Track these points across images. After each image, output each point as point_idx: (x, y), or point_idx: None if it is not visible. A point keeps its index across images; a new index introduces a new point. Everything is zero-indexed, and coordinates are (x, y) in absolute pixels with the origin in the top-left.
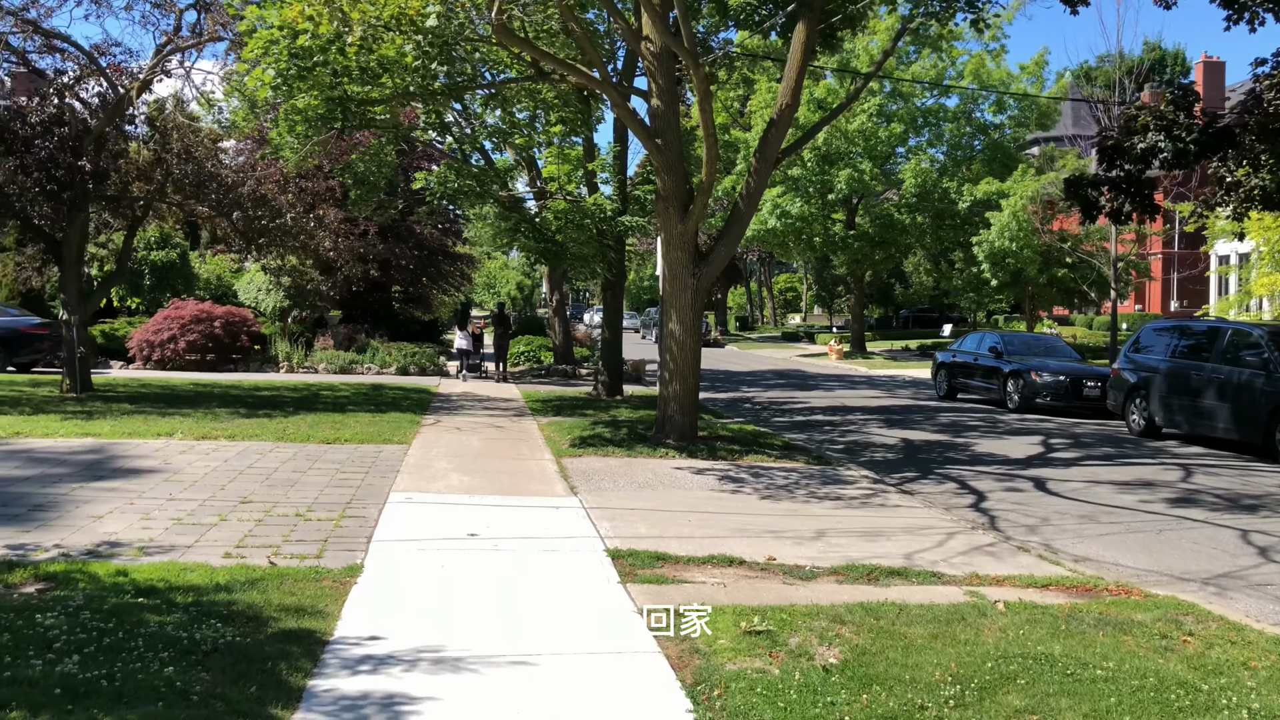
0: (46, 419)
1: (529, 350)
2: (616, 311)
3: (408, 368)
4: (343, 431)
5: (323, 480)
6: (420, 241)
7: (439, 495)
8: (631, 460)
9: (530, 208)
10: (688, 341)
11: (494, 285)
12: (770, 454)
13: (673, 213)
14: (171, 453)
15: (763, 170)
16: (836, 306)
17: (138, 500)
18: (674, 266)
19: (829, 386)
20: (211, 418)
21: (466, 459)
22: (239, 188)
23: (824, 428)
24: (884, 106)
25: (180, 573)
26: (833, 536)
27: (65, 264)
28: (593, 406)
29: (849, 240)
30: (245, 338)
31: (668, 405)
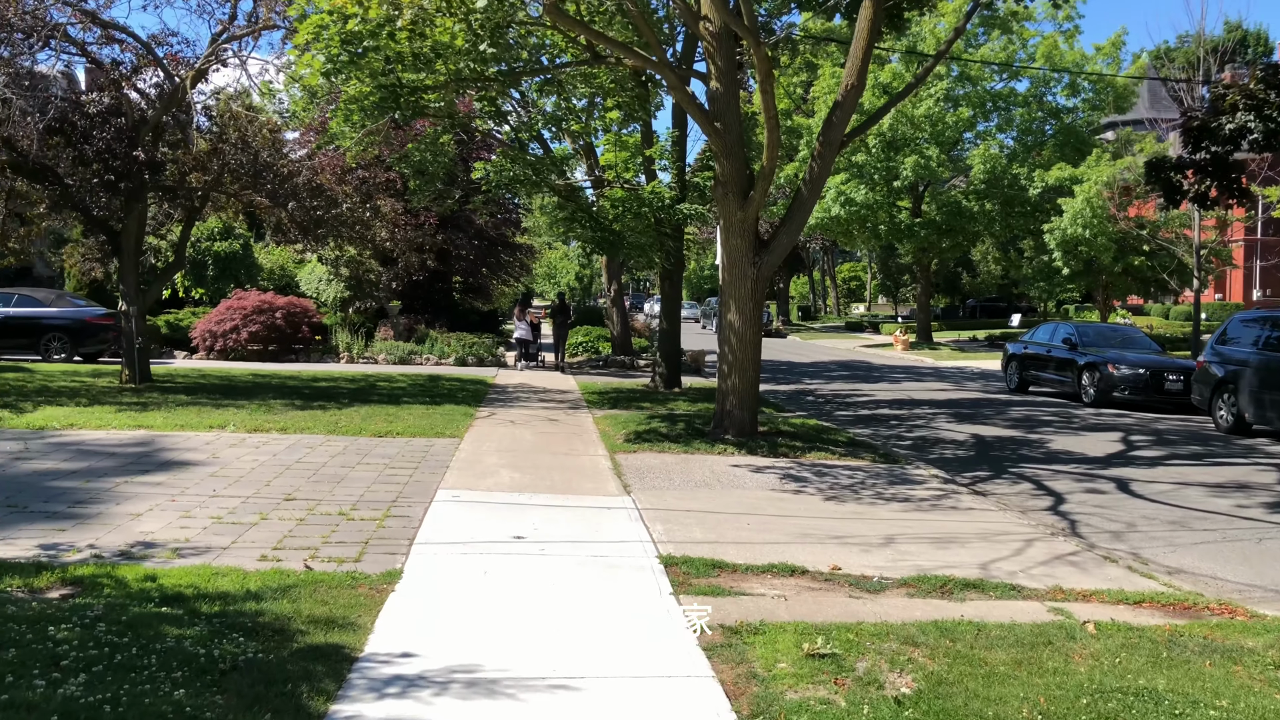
0: (102, 410)
1: (587, 341)
2: (674, 301)
3: (466, 358)
4: (395, 424)
5: (370, 476)
6: (479, 232)
7: (487, 494)
8: (688, 457)
9: (587, 196)
10: (748, 333)
11: (554, 275)
12: (834, 451)
13: (732, 199)
14: (221, 446)
15: (827, 154)
16: (901, 296)
17: (180, 497)
18: (733, 255)
19: (894, 378)
20: (265, 410)
21: (518, 454)
22: (295, 178)
23: (890, 422)
24: (951, 91)
25: (211, 578)
26: (902, 543)
27: (124, 255)
28: (649, 399)
29: (915, 228)
30: (306, 328)
31: (726, 400)
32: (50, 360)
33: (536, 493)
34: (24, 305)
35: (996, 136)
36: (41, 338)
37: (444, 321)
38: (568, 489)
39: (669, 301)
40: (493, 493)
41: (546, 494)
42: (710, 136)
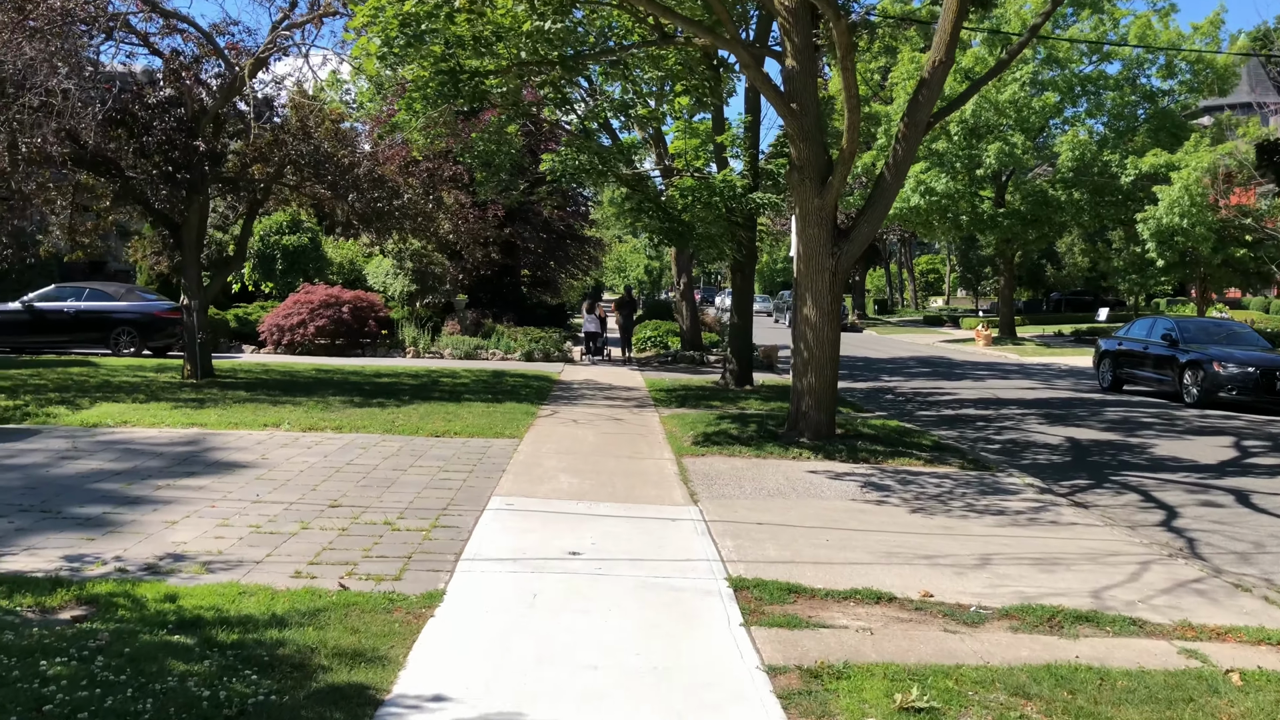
0: (158, 407)
1: (655, 335)
2: (746, 295)
3: (532, 353)
4: (453, 423)
5: (422, 480)
6: (547, 225)
7: (543, 501)
8: (760, 461)
9: (656, 186)
10: (825, 329)
11: (624, 269)
12: (918, 456)
13: (809, 185)
14: (272, 446)
15: (912, 136)
16: (982, 289)
17: (221, 502)
18: (810, 245)
19: (978, 375)
20: (323, 407)
21: (579, 457)
22: (355, 169)
23: (976, 424)
24: (1037, 75)
25: (236, 599)
26: (1000, 564)
27: (185, 248)
28: (719, 397)
29: (998, 218)
30: (373, 323)
31: (801, 400)
32: (120, 354)
33: (596, 501)
34: (94, 299)
35: (1086, 122)
36: (111, 332)
37: (512, 316)
38: (630, 497)
39: (740, 295)
40: (549, 500)
41: (607, 502)
42: (785, 118)
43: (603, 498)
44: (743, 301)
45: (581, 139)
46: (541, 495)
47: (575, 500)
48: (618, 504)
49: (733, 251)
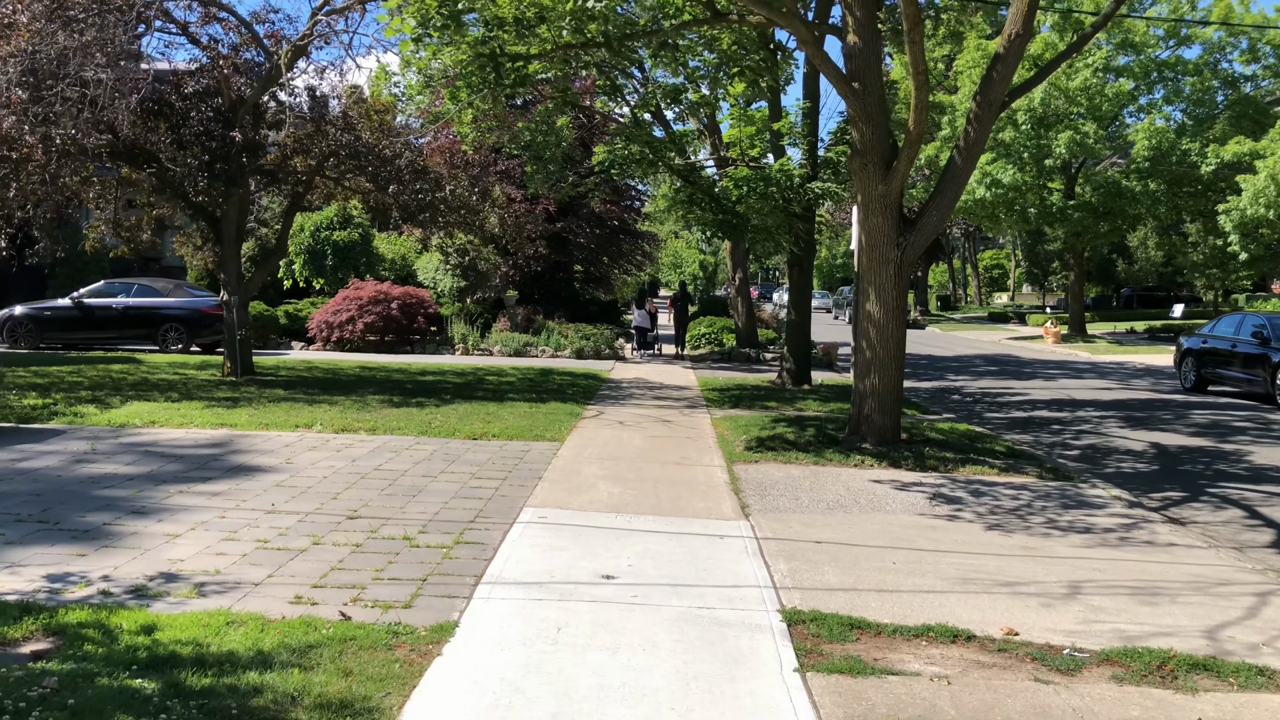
0: (190, 406)
1: (710, 332)
2: (804, 290)
3: (582, 350)
4: (492, 425)
5: (451, 488)
6: (600, 220)
7: (579, 513)
8: (818, 470)
9: (710, 177)
10: (889, 326)
11: (680, 265)
12: (992, 464)
13: (872, 171)
14: (300, 449)
15: (985, 116)
16: (1049, 285)
17: (233, 512)
18: (873, 235)
19: (1049, 375)
20: (359, 407)
21: (622, 463)
22: (397, 160)
23: (1051, 427)
24: (1110, 60)
25: (220, 631)
26: (1092, 593)
27: (224, 242)
28: (775, 397)
29: (1068, 211)
30: (422, 319)
31: (864, 402)
32: (167, 350)
33: (637, 514)
34: (143, 295)
35: (1163, 109)
36: (159, 328)
37: (564, 312)
38: (675, 509)
39: (798, 290)
40: (586, 513)
41: (649, 515)
42: (847, 99)
43: (645, 509)
44: (800, 297)
45: (632, 128)
46: (578, 506)
47: (614, 513)
48: (660, 517)
49: (790, 244)
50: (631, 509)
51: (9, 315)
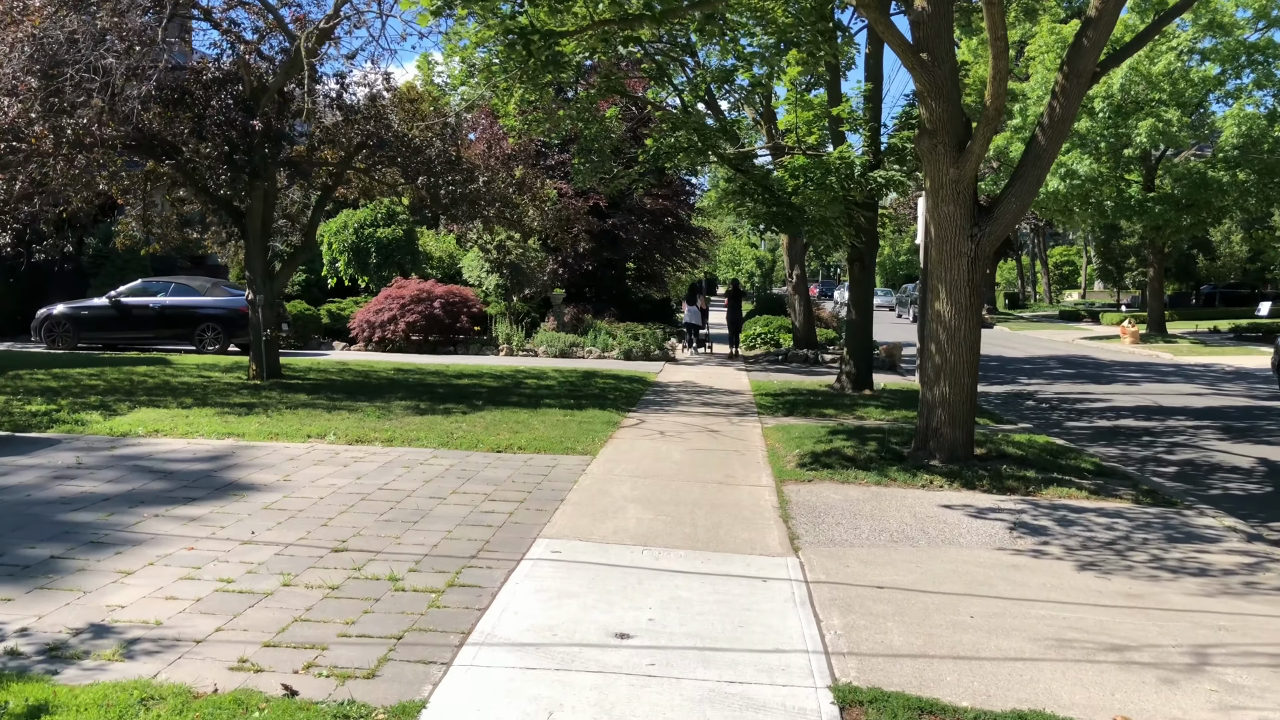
0: (201, 413)
1: (766, 332)
2: (865, 287)
3: (630, 351)
4: (520, 435)
5: (459, 513)
6: (653, 215)
7: (600, 547)
8: (881, 491)
9: (764, 167)
10: (961, 328)
11: (737, 262)
12: (1079, 485)
13: (943, 153)
14: (305, 463)
15: (1073, 89)
16: (1124, 281)
17: (203, 543)
18: (944, 225)
19: (1130, 378)
20: (381, 414)
21: (658, 482)
22: (427, 149)
23: (1140, 438)
24: (1196, 42)
25: (126, 715)
26: (1222, 662)
27: (249, 237)
28: (834, 404)
29: (1147, 203)
30: (465, 318)
31: (932, 413)
32: (204, 351)
33: (668, 547)
34: (179, 295)
35: (1253, 95)
36: (196, 328)
37: (614, 311)
38: (712, 541)
39: (859, 287)
40: (607, 546)
41: (681, 549)
42: (915, 72)
43: (677, 542)
44: (861, 294)
45: (680, 114)
46: (599, 538)
47: (641, 546)
48: (695, 552)
49: (850, 238)
50: (662, 541)
51: (47, 315)
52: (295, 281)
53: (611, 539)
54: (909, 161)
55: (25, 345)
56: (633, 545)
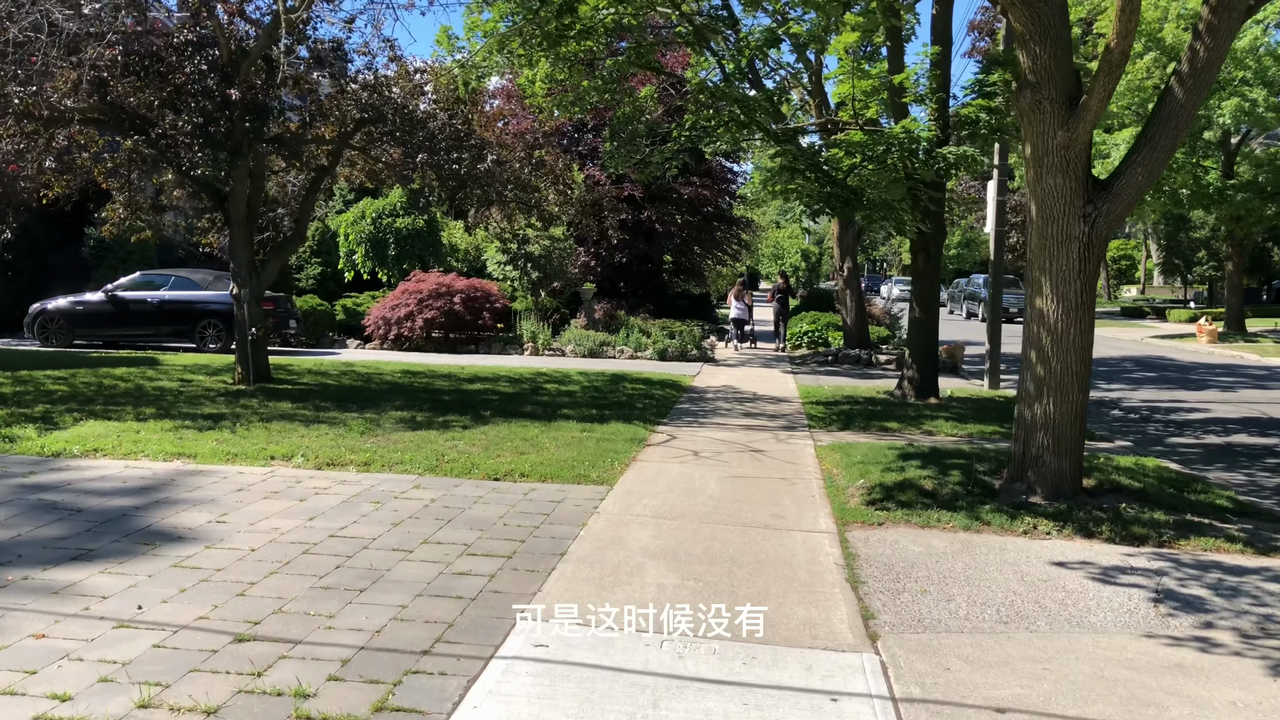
0: (157, 427)
1: (814, 330)
2: (931, 280)
3: (666, 351)
4: (525, 458)
5: (425, 575)
6: (692, 205)
7: (604, 637)
8: (972, 540)
9: (814, 145)
10: (1071, 332)
11: (781, 255)
12: (1225, 534)
13: (1048, 110)
14: (253, 496)
15: (1224, 27)
16: (1191, 276)
17: (63, 625)
18: (1048, 203)
19: (1222, 383)
20: (368, 429)
21: (687, 525)
22: (429, 122)
23: (1263, 460)
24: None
25: None
26: None
27: (232, 224)
28: (897, 415)
29: (1228, 192)
30: (488, 315)
31: (1031, 437)
32: (204, 350)
33: (699, 635)
34: (180, 288)
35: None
36: (196, 324)
37: (650, 307)
38: (758, 624)
39: (923, 280)
40: (613, 634)
41: (716, 639)
42: (1013, 9)
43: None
44: (927, 289)
45: (722, 85)
46: (604, 619)
47: (659, 635)
48: (735, 644)
49: (915, 223)
50: (689, 623)
51: (40, 310)
52: (310, 275)
53: (621, 621)
54: (982, 135)
55: (21, 342)
56: (649, 634)
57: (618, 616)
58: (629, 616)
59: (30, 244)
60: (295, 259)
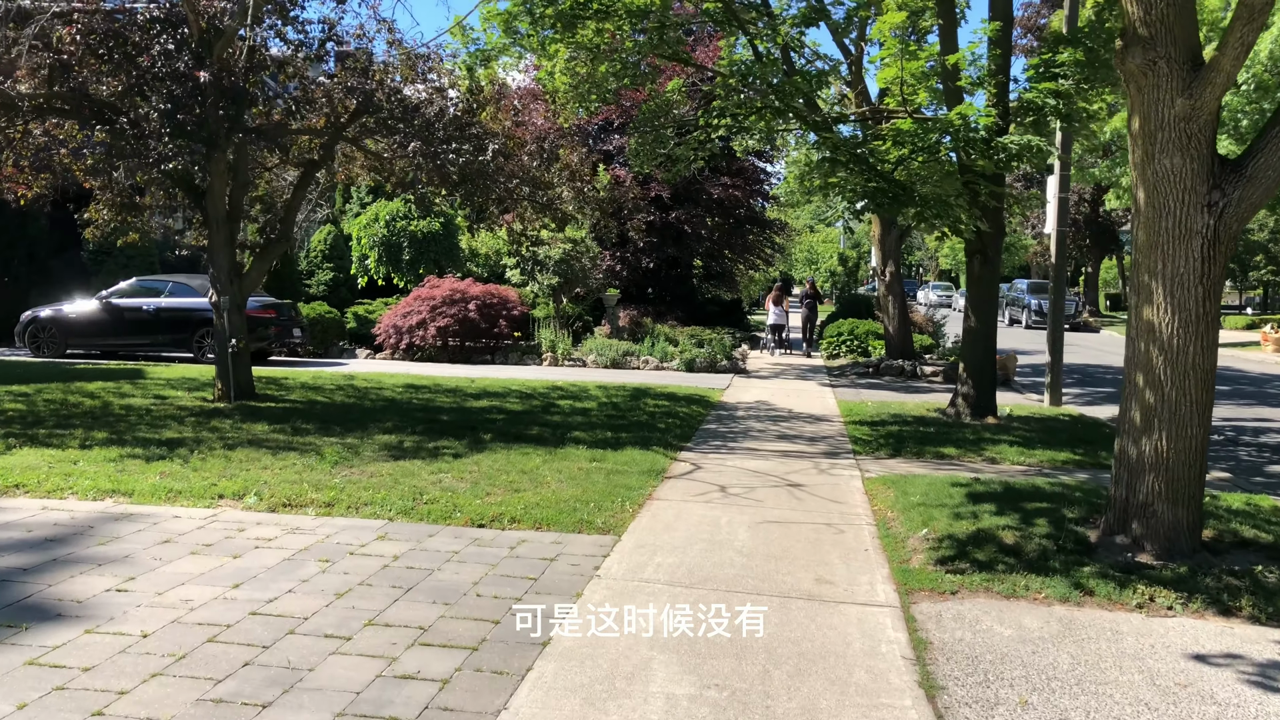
0: (101, 455)
1: (853, 338)
2: (989, 286)
3: (694, 361)
4: (520, 496)
5: (360, 676)
6: (723, 206)
7: None
8: (1075, 617)
9: (857, 136)
10: (1191, 350)
11: (815, 260)
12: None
13: (1165, 72)
14: (177, 551)
15: None
16: (1246, 280)
17: None
18: (1162, 188)
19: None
20: (344, 458)
21: (710, 595)
22: (425, 108)
23: None
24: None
25: None
26: None
27: (211, 224)
28: (952, 439)
29: None
30: (504, 322)
31: (1138, 478)
32: (202, 360)
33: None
34: (177, 295)
35: None
36: (195, 332)
37: (679, 313)
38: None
39: (981, 286)
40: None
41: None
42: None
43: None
44: (984, 295)
45: (754, 65)
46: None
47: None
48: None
49: (974, 220)
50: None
51: (32, 318)
52: (321, 281)
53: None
54: (1046, 122)
55: (14, 352)
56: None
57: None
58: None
59: (29, 248)
60: (305, 264)
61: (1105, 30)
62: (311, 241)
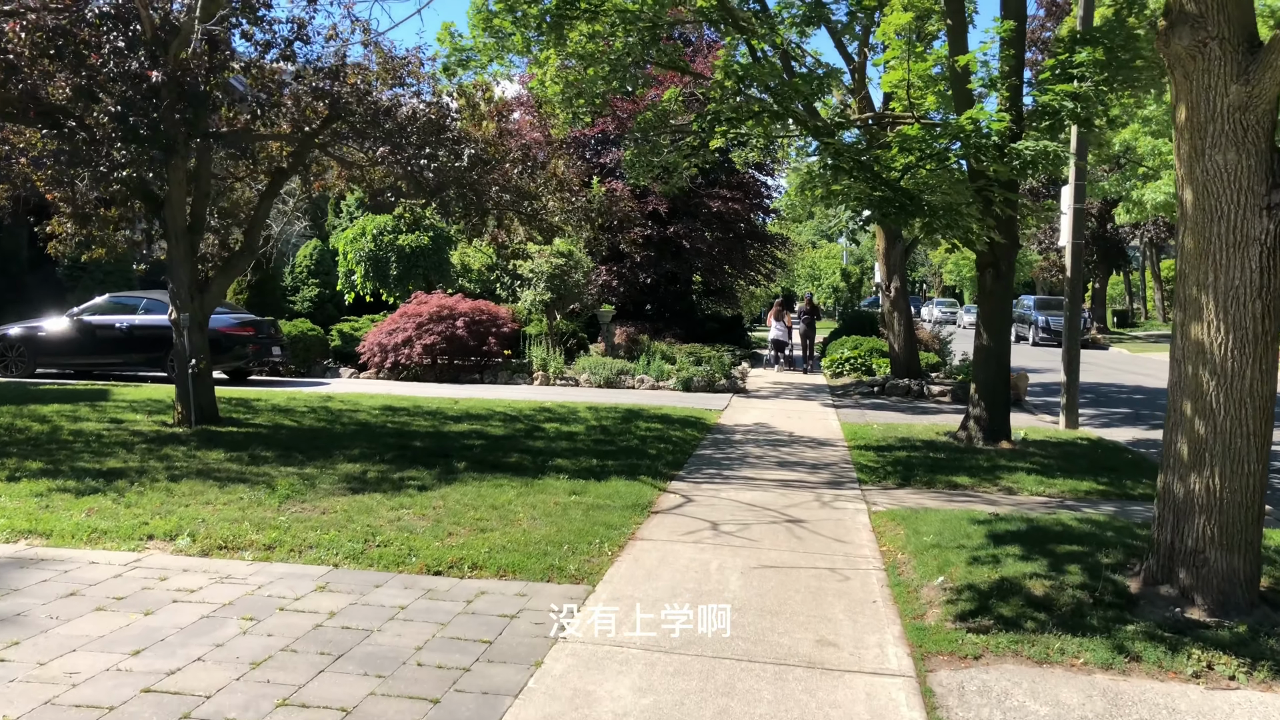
0: (29, 488)
1: (855, 356)
2: (1001, 301)
3: (691, 380)
4: (487, 536)
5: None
6: (723, 220)
7: None
8: (1118, 688)
9: (861, 141)
10: (1247, 374)
11: (818, 276)
12: None
13: (1216, 55)
14: (82, 607)
15: None
16: None
17: None
18: (1214, 188)
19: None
20: (298, 491)
21: (695, 666)
22: (395, 110)
23: None
24: None
25: None
26: None
27: (170, 236)
28: (966, 465)
29: None
30: (494, 340)
31: (1185, 520)
32: None
33: None
34: (151, 312)
35: None
36: (168, 352)
37: (679, 330)
38: None
39: (993, 301)
40: None
41: None
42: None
43: None
44: (996, 312)
45: (751, 66)
46: None
47: None
48: None
49: (986, 231)
50: None
51: (1, 337)
52: (306, 297)
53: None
54: (1062, 125)
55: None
56: None
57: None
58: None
59: (2, 264)
60: (290, 280)
61: (1126, 28)
62: (297, 257)
